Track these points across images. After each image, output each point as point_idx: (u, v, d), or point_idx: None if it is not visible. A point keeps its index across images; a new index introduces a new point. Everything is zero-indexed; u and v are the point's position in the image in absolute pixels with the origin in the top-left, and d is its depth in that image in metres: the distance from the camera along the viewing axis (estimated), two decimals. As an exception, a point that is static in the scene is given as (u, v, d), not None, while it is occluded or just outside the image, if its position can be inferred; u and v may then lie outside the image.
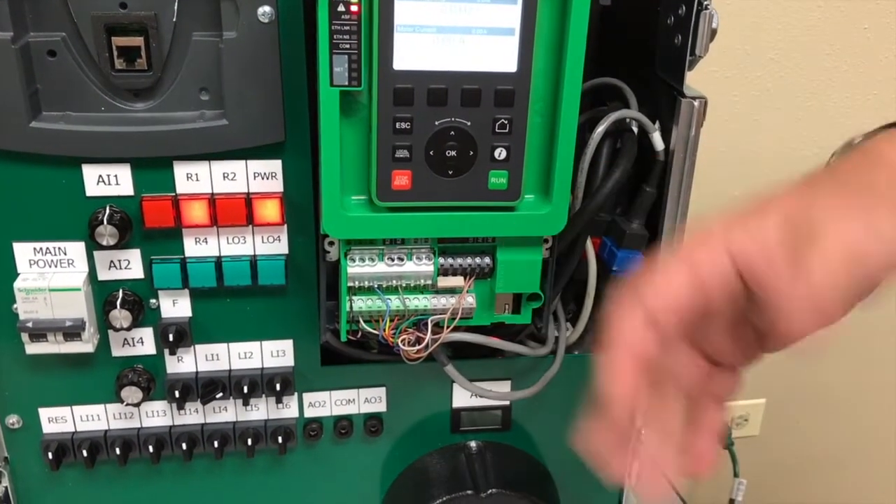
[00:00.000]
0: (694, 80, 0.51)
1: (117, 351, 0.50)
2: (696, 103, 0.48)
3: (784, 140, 1.14)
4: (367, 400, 0.55)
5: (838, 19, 1.08)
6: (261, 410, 0.54)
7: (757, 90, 1.11)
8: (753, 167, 1.15)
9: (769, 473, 1.41)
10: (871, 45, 1.10)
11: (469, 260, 0.46)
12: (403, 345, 0.47)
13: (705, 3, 0.46)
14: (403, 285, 0.46)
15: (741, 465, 1.30)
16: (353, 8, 0.39)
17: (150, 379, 0.51)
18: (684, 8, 0.47)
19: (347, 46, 0.39)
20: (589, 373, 0.55)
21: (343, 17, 0.39)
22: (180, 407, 0.52)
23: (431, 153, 0.42)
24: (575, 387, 0.56)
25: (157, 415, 0.53)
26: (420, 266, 0.46)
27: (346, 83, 0.40)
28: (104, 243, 0.46)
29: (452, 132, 0.42)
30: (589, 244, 0.52)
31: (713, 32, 0.46)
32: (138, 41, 0.44)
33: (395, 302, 0.46)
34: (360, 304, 0.46)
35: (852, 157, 0.35)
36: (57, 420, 0.52)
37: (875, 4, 1.08)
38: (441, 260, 0.46)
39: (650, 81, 0.51)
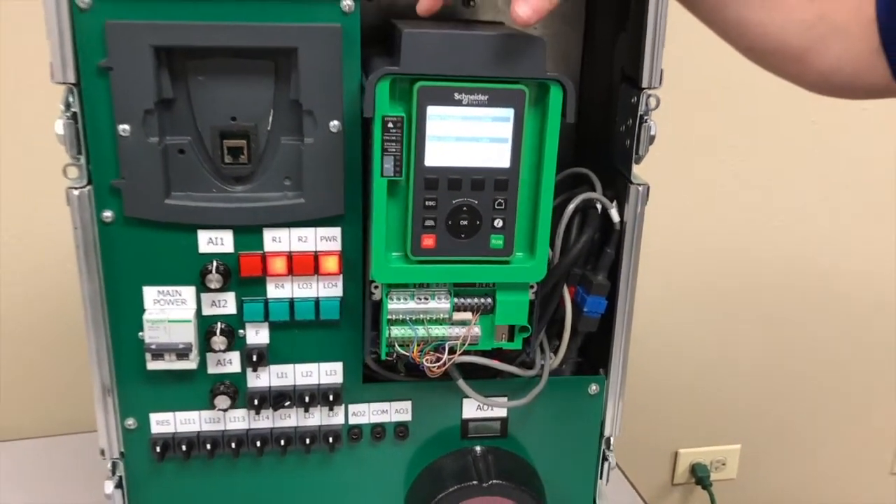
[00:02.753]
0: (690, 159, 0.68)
1: (212, 369, 0.67)
2: (640, 188, 0.66)
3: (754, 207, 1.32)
4: (397, 411, 0.71)
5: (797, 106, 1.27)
6: (316, 417, 0.70)
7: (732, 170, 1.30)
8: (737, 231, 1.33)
9: (745, 514, 1.55)
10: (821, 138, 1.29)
11: (476, 300, 0.63)
12: (427, 363, 0.64)
13: (646, 117, 0.64)
14: (428, 318, 0.63)
15: (720, 505, 1.45)
16: (399, 125, 0.57)
17: (235, 391, 0.68)
18: (631, 120, 0.65)
19: (393, 150, 0.57)
20: (567, 391, 0.72)
21: (391, 130, 0.57)
22: (256, 413, 0.69)
23: (450, 223, 0.60)
24: (557, 403, 0.73)
25: (237, 420, 0.69)
26: (440, 304, 0.63)
27: (392, 174, 0.58)
28: (212, 287, 0.63)
29: (465, 208, 0.59)
30: (566, 292, 0.69)
31: (652, 138, 0.64)
32: (242, 143, 0.62)
33: (421, 331, 0.63)
34: (396, 332, 0.63)
35: None
36: (162, 423, 0.68)
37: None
38: (455, 300, 0.63)
39: (611, 170, 0.69)
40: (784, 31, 0.66)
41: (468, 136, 0.58)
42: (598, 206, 0.68)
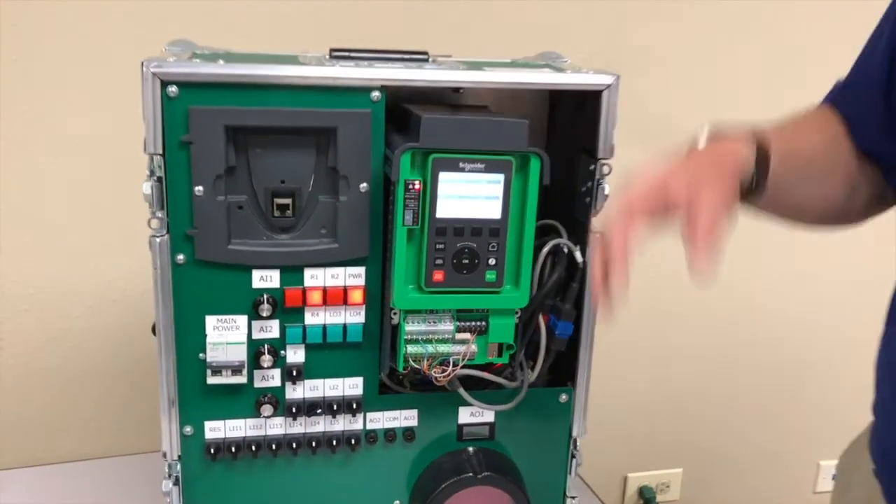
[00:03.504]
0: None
1: (258, 384, 0.82)
2: (597, 235, 0.84)
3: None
4: (406, 418, 0.87)
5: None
6: (340, 424, 0.85)
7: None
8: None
9: (689, 532, 1.72)
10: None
11: (474, 322, 0.80)
12: (435, 374, 0.80)
13: (601, 181, 0.83)
14: (436, 338, 0.80)
15: (665, 524, 1.62)
16: (417, 186, 0.74)
17: (276, 402, 0.83)
18: (590, 183, 0.84)
19: (413, 205, 0.75)
20: (542, 400, 0.89)
21: (411, 190, 0.74)
22: (293, 420, 0.84)
23: (454, 261, 0.77)
24: (534, 410, 0.90)
25: (276, 426, 0.84)
26: (446, 326, 0.80)
27: (412, 224, 0.75)
28: (263, 315, 0.79)
29: (466, 250, 0.77)
30: (541, 318, 0.87)
31: (606, 197, 0.83)
32: (288, 201, 0.79)
33: (430, 348, 0.80)
34: (411, 349, 0.80)
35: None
36: (215, 430, 0.83)
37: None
38: (458, 322, 0.80)
39: (575, 222, 0.88)
40: (836, 195, 0.84)
41: (469, 194, 0.76)
42: (566, 250, 0.86)
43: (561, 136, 0.93)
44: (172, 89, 0.73)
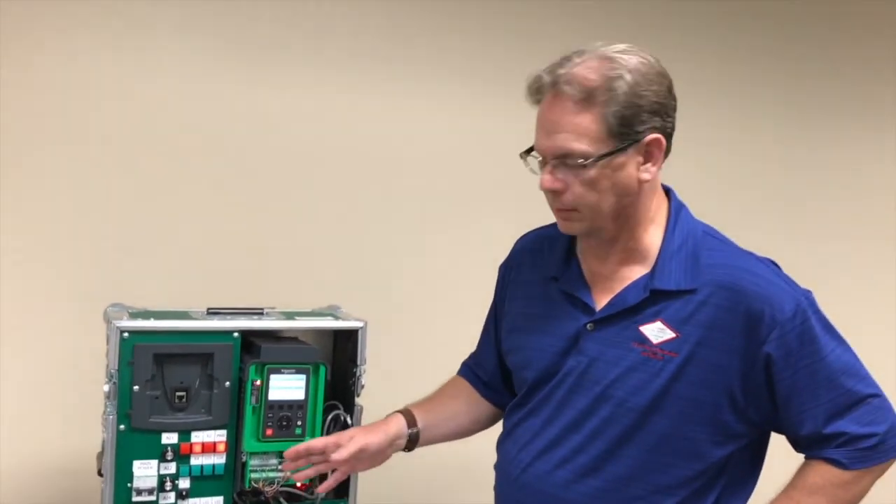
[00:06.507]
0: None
1: (161, 502, 1.41)
2: (358, 408, 1.52)
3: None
4: (249, 522, 1.48)
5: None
6: (210, 526, 1.45)
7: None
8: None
9: None
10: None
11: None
12: (266, 490, 1.43)
13: (360, 378, 1.52)
14: (267, 468, 1.43)
15: None
16: (258, 383, 1.41)
17: (171, 512, 1.42)
18: (354, 378, 1.53)
19: (256, 393, 1.41)
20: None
21: (255, 385, 1.41)
22: (181, 523, 1.42)
23: (278, 423, 1.42)
24: (326, 514, 1.53)
25: (170, 529, 1.42)
26: (273, 460, 1.44)
27: (255, 404, 1.41)
28: (167, 459, 1.40)
29: (285, 416, 1.43)
30: (328, 457, 1.52)
31: (362, 387, 1.53)
32: (184, 393, 1.42)
33: (264, 474, 1.43)
34: (253, 475, 1.43)
35: None
36: None
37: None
38: (280, 458, 1.44)
39: (347, 402, 1.56)
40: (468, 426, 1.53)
41: (286, 386, 1.43)
42: (342, 418, 1.54)
43: (341, 352, 1.63)
44: (126, 334, 1.37)
